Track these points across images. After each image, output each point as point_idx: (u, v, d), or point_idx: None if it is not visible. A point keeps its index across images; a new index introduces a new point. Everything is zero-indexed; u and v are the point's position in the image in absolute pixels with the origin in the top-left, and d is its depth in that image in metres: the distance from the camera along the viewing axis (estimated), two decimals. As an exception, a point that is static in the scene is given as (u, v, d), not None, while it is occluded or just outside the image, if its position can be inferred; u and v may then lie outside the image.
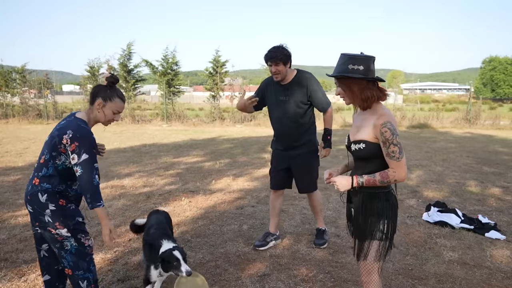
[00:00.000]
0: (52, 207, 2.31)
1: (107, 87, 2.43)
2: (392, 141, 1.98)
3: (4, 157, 8.97)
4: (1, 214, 4.80)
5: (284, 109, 3.57)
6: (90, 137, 2.29)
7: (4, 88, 20.85)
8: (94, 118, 2.44)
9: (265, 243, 3.77)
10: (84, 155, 2.23)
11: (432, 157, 8.97)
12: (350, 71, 2.01)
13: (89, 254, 2.48)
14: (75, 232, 2.39)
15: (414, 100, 33.11)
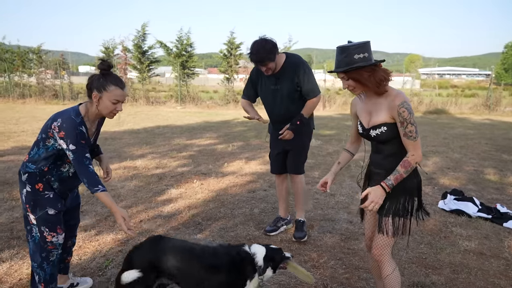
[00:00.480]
0: (29, 188, 2.31)
1: (100, 76, 2.27)
2: (409, 120, 1.99)
3: (21, 136, 9.09)
4: (16, 192, 4.85)
5: (276, 98, 3.41)
6: (75, 129, 2.19)
7: (21, 69, 21.09)
8: (94, 112, 2.31)
9: (276, 228, 3.73)
10: (71, 146, 2.19)
11: (450, 144, 8.76)
12: (358, 60, 1.99)
13: (46, 250, 2.36)
14: (39, 223, 2.32)
15: (432, 85, 32.37)
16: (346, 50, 2.01)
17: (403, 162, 2.02)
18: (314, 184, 5.36)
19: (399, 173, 2.02)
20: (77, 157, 2.19)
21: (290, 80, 3.31)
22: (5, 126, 10.73)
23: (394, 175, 2.02)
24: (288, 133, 3.36)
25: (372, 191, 2.06)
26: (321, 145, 8.35)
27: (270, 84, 3.40)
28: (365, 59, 1.99)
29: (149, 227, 3.83)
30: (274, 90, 3.40)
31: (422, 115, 15.93)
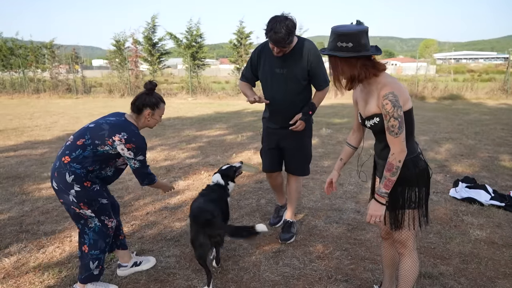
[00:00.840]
0: (77, 187, 2.39)
1: (149, 94, 2.58)
2: (392, 114, 1.84)
3: (34, 130, 9.22)
4: (27, 186, 4.93)
5: (279, 83, 3.07)
6: (144, 144, 2.50)
7: (34, 64, 21.37)
8: (142, 125, 2.63)
9: (280, 219, 3.68)
10: (140, 156, 2.49)
11: (464, 130, 8.56)
12: (339, 48, 1.85)
13: (109, 236, 2.59)
14: (99, 214, 2.51)
15: (447, 70, 31.66)
16: (333, 34, 1.87)
17: (386, 165, 1.92)
18: (323, 174, 5.30)
19: (386, 178, 1.92)
20: (142, 165, 2.53)
21: (299, 64, 2.98)
22: (20, 121, 10.91)
23: (383, 182, 1.94)
24: (300, 123, 3.07)
25: (370, 205, 2.02)
26: (332, 134, 8.25)
27: (274, 66, 3.04)
28: (348, 49, 1.83)
29: (155, 219, 3.84)
30: (278, 74, 3.05)
31: (436, 101, 15.61)
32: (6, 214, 4.01)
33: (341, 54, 1.85)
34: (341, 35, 1.83)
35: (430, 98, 16.20)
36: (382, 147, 2.09)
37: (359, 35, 1.83)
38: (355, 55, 1.84)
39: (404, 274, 2.19)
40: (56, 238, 3.45)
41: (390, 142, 1.90)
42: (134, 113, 2.58)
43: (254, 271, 2.89)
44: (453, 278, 2.76)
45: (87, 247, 2.53)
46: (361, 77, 1.91)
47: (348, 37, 1.82)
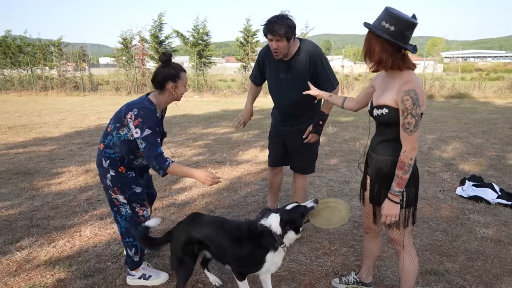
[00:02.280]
0: (113, 172, 2.51)
1: (166, 67, 2.49)
2: (411, 111, 1.85)
3: (43, 127, 9.32)
4: (36, 182, 5.00)
5: (284, 88, 3.08)
6: (152, 116, 2.42)
7: (42, 61, 21.55)
8: (167, 101, 2.57)
9: None
10: (146, 131, 2.37)
11: (471, 129, 8.52)
12: (380, 28, 1.85)
13: (140, 223, 2.59)
14: (130, 201, 2.57)
15: (455, 69, 31.45)
16: (383, 13, 1.87)
17: (398, 163, 1.93)
18: (329, 172, 5.32)
19: (398, 176, 1.93)
20: (149, 142, 2.36)
21: (303, 69, 2.98)
22: (28, 118, 11.03)
23: (396, 181, 1.95)
24: (313, 136, 3.12)
25: (384, 205, 2.03)
26: (338, 132, 8.26)
27: (279, 71, 3.06)
28: (388, 31, 1.82)
29: (163, 215, 3.89)
30: (283, 80, 3.07)
31: (444, 99, 15.53)
32: (17, 209, 4.08)
33: (379, 32, 1.85)
34: (389, 16, 1.84)
35: (437, 97, 16.12)
36: (379, 140, 2.11)
37: (405, 25, 1.83)
38: (390, 40, 1.83)
39: (404, 271, 2.22)
40: (66, 233, 3.50)
41: (403, 139, 1.90)
42: (158, 89, 2.52)
43: (261, 266, 2.92)
44: (458, 275, 2.77)
45: (120, 235, 2.68)
46: (387, 64, 1.90)
47: (394, 21, 1.82)
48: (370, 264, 2.56)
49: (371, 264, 2.56)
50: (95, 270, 2.88)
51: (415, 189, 2.08)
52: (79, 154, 6.51)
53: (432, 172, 5.26)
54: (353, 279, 2.62)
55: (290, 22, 2.80)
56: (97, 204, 4.21)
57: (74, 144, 7.37)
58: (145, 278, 2.72)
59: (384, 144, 2.07)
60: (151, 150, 2.36)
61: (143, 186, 2.64)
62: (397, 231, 2.14)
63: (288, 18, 2.80)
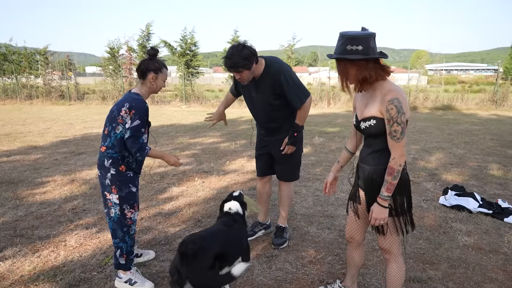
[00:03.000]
0: (113, 171, 2.65)
1: (152, 60, 2.70)
2: (396, 119, 1.91)
3: (27, 136, 9.20)
4: (20, 191, 4.93)
5: (257, 105, 3.21)
6: (143, 106, 2.63)
7: (28, 70, 21.31)
8: (149, 91, 2.75)
9: (253, 233, 3.60)
10: (136, 121, 2.57)
11: (454, 140, 8.71)
12: (349, 52, 1.90)
13: (127, 225, 2.75)
14: (123, 201, 2.70)
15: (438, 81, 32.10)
16: (342, 38, 1.93)
17: (387, 169, 1.98)
18: (315, 181, 5.37)
19: (388, 182, 1.98)
20: (133, 134, 2.56)
21: (269, 89, 3.04)
22: (12, 126, 10.87)
23: (385, 186, 2.00)
24: (289, 148, 3.18)
25: (373, 209, 2.07)
26: (324, 142, 8.35)
27: (251, 91, 3.17)
28: (357, 51, 1.88)
29: (149, 225, 3.88)
30: (254, 98, 3.18)
31: (428, 111, 15.83)
32: (0, 218, 4.02)
33: (351, 56, 1.90)
34: (351, 38, 1.90)
35: (421, 108, 16.42)
36: (368, 152, 2.15)
37: (369, 39, 1.90)
38: (365, 57, 1.90)
39: (391, 279, 2.26)
40: (51, 243, 3.46)
41: (391, 146, 1.96)
42: (140, 78, 2.72)
43: (247, 275, 2.93)
44: (441, 282, 2.83)
45: (111, 236, 2.80)
46: (372, 79, 1.96)
47: (358, 40, 1.88)
48: (354, 273, 2.59)
49: (355, 273, 2.60)
50: (80, 280, 2.85)
51: (407, 198, 2.12)
52: (65, 164, 6.45)
53: (416, 181, 5.36)
54: (338, 287, 2.65)
55: (246, 52, 2.84)
56: (83, 214, 4.17)
57: (60, 153, 7.29)
58: (131, 284, 2.75)
59: (374, 155, 2.11)
60: (134, 142, 2.58)
61: (138, 187, 2.80)
62: (387, 240, 2.18)
63: (244, 48, 2.85)
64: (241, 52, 2.83)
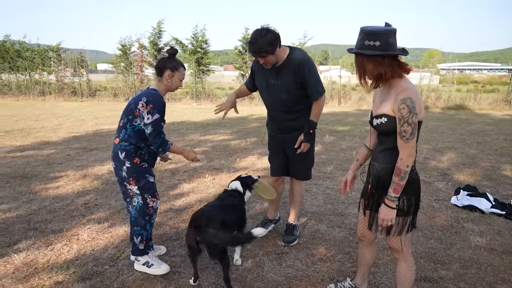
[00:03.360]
0: (128, 164, 2.75)
1: (171, 59, 2.80)
2: (407, 119, 1.89)
3: (40, 132, 9.33)
4: (34, 186, 5.01)
5: (275, 94, 3.14)
6: (161, 101, 2.72)
7: (41, 67, 21.59)
8: (165, 88, 2.83)
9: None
10: (156, 115, 2.67)
11: (466, 140, 8.61)
12: (366, 47, 1.90)
13: (149, 214, 2.89)
14: (143, 191, 2.82)
15: (451, 81, 31.73)
16: (361, 33, 1.93)
17: (395, 170, 1.98)
18: (326, 179, 5.36)
19: (395, 183, 1.98)
20: (155, 126, 2.67)
21: (291, 76, 3.02)
22: (26, 122, 11.03)
23: (392, 187, 1.99)
24: (305, 145, 3.15)
25: (381, 210, 2.07)
26: (335, 141, 8.32)
27: (270, 77, 3.11)
28: (375, 47, 1.88)
29: (161, 220, 3.91)
30: (273, 85, 3.12)
31: (440, 111, 15.67)
32: (15, 212, 4.09)
33: (368, 52, 1.90)
34: (369, 33, 1.89)
35: (433, 108, 16.26)
36: (380, 149, 2.15)
37: (387, 35, 1.88)
38: (382, 53, 1.89)
39: (401, 278, 2.26)
40: (64, 236, 3.52)
41: (400, 146, 1.95)
42: (157, 76, 2.81)
43: (257, 271, 2.95)
44: (452, 282, 2.81)
45: (130, 224, 2.90)
46: (387, 76, 1.95)
47: (376, 36, 1.87)
48: (365, 271, 2.59)
49: (365, 271, 2.59)
50: (92, 273, 2.89)
51: (415, 198, 2.10)
52: (77, 159, 6.53)
53: (427, 181, 5.32)
54: (349, 285, 2.65)
55: (270, 36, 2.83)
56: (95, 209, 4.23)
57: (72, 149, 7.38)
58: (148, 266, 2.91)
59: (385, 153, 2.10)
60: (156, 138, 2.69)
61: (154, 178, 2.90)
62: (396, 239, 2.17)
63: (268, 33, 2.83)
64: (265, 37, 2.81)
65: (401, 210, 2.08)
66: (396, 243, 2.19)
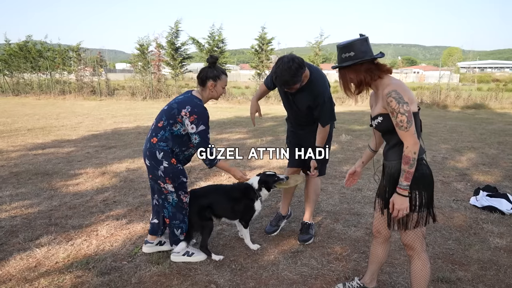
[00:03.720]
0: (166, 164, 2.83)
1: (212, 68, 2.87)
2: (398, 110, 1.97)
3: (60, 130, 9.54)
4: (55, 182, 5.13)
5: (293, 106, 3.30)
6: (205, 112, 2.81)
7: (61, 66, 22.05)
8: (208, 97, 2.93)
9: (277, 228, 3.64)
10: (201, 126, 2.77)
11: (487, 139, 8.43)
12: (344, 59, 2.06)
13: (185, 209, 3.02)
14: (178, 189, 2.92)
15: (471, 79, 31.04)
16: (338, 49, 2.10)
17: (403, 159, 2.01)
18: (342, 179, 5.34)
19: (405, 171, 2.01)
20: (203, 136, 2.79)
21: (306, 100, 3.13)
22: (47, 121, 11.30)
23: (403, 176, 2.03)
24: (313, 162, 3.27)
25: (394, 200, 2.09)
26: (351, 140, 8.26)
27: (288, 93, 3.20)
28: (351, 58, 2.03)
29: (177, 218, 3.96)
30: (291, 100, 3.25)
31: (459, 110, 15.39)
32: (36, 208, 4.21)
33: (345, 63, 2.05)
34: (343, 47, 2.06)
35: (452, 107, 15.98)
36: (387, 148, 2.22)
37: (358, 44, 2.03)
38: (357, 61, 2.02)
39: (416, 276, 2.25)
40: (84, 232, 3.60)
41: (402, 136, 2.01)
42: (200, 86, 2.91)
43: (273, 269, 2.96)
44: (471, 283, 2.77)
45: (168, 219, 3.03)
46: (367, 80, 2.08)
47: (348, 48, 2.04)
48: (375, 269, 2.59)
49: (376, 269, 2.59)
50: (111, 268, 2.95)
51: (427, 192, 2.11)
52: (96, 157, 6.66)
53: (445, 181, 5.24)
54: (357, 285, 2.64)
55: (295, 67, 2.80)
56: (113, 205, 4.31)
57: (91, 147, 7.53)
58: (189, 255, 3.05)
59: (392, 150, 2.18)
60: (204, 143, 2.80)
61: (187, 178, 3.02)
62: (409, 235, 2.19)
63: (292, 63, 2.80)
64: (291, 69, 2.79)
65: (414, 205, 2.10)
66: (409, 239, 2.20)
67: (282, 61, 2.83)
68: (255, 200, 3.24)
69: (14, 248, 3.27)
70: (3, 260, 3.06)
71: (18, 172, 5.63)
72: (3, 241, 3.40)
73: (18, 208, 4.18)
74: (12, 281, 2.76)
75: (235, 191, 3.26)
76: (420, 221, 2.14)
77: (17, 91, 22.44)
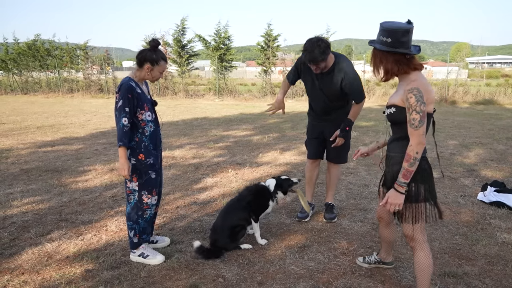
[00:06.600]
0: (133, 161, 2.81)
1: (152, 51, 2.76)
2: (415, 108, 1.99)
3: (69, 128, 9.65)
4: (64, 179, 5.21)
5: (319, 92, 3.48)
6: (127, 84, 2.69)
7: (69, 64, 22.22)
8: (142, 78, 2.82)
9: (307, 215, 3.81)
10: (120, 102, 2.66)
11: (495, 135, 8.37)
12: (380, 42, 2.04)
13: (142, 209, 2.92)
14: (143, 187, 2.87)
15: (480, 75, 30.76)
16: (379, 28, 2.06)
17: (405, 156, 2.04)
18: (348, 175, 5.35)
19: (404, 168, 2.05)
20: (119, 112, 2.66)
21: (335, 83, 3.34)
22: (55, 118, 11.42)
23: (402, 172, 2.06)
24: (340, 140, 3.48)
25: (389, 194, 2.13)
26: (358, 136, 8.25)
27: (314, 79, 3.43)
28: (386, 43, 2.01)
29: (185, 213, 4.01)
30: (317, 87, 3.45)
31: (468, 105, 15.25)
32: (47, 203, 4.28)
33: (379, 46, 2.04)
34: (383, 29, 2.02)
35: (461, 103, 15.84)
36: (392, 139, 2.26)
37: (399, 33, 1.98)
38: (390, 50, 2.01)
39: (420, 267, 2.29)
40: (93, 227, 3.66)
41: (410, 134, 2.03)
42: (137, 65, 2.81)
43: (280, 263, 2.99)
44: (477, 278, 2.77)
45: (126, 218, 2.98)
46: (393, 71, 2.08)
47: (388, 33, 2.00)
48: (387, 247, 2.78)
49: (388, 246, 2.78)
50: (120, 262, 3.01)
51: (424, 186, 2.14)
52: (104, 154, 6.73)
53: (453, 177, 5.23)
54: (375, 259, 2.85)
55: (324, 45, 3.10)
56: (122, 201, 4.36)
57: (99, 144, 7.61)
58: (143, 257, 2.99)
59: (395, 143, 2.21)
60: (117, 121, 2.67)
61: (157, 173, 2.92)
62: (409, 226, 2.23)
63: (321, 42, 3.11)
64: (319, 46, 3.08)
65: (412, 196, 2.13)
66: (408, 230, 2.24)
67: (311, 40, 3.13)
68: (269, 199, 3.36)
69: (26, 242, 3.33)
70: (16, 254, 3.13)
71: (29, 169, 5.72)
72: (15, 236, 3.47)
73: (29, 204, 4.26)
74: (25, 274, 2.82)
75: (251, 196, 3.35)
76: (418, 215, 2.16)
77: (26, 89, 22.69)
